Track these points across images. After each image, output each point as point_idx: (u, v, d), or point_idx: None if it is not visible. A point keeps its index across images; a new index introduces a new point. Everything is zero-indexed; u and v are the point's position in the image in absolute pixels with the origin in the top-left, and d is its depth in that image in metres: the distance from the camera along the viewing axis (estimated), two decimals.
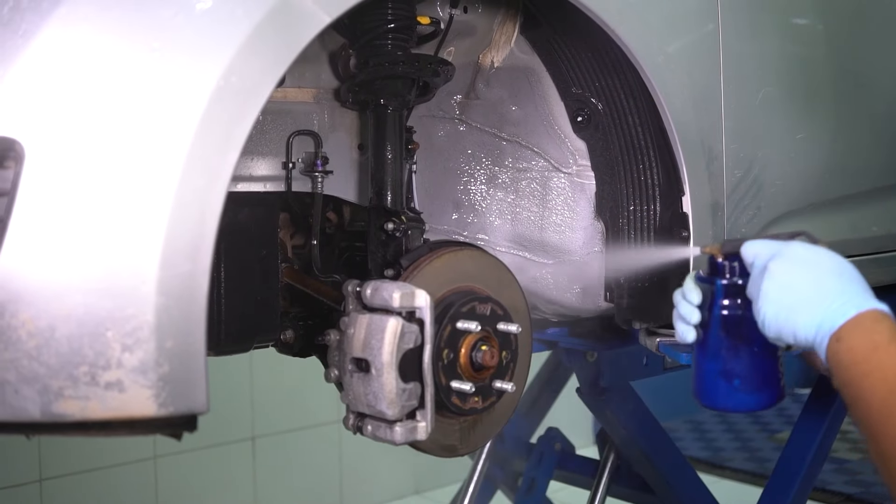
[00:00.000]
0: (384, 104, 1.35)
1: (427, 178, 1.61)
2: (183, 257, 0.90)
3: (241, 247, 1.33)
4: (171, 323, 0.90)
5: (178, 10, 0.92)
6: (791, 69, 1.59)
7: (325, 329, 1.31)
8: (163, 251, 0.89)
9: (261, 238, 1.36)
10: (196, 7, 0.92)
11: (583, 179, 1.55)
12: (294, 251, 1.54)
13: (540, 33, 1.46)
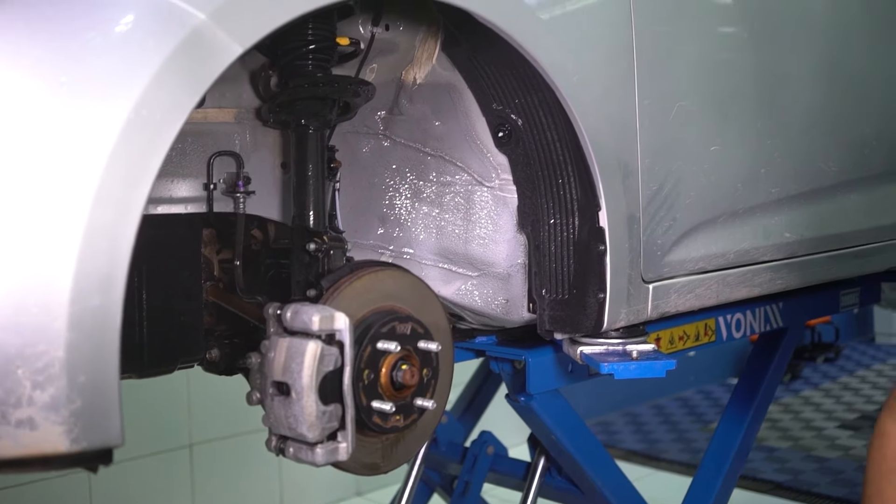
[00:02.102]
0: (305, 124, 1.36)
1: (352, 193, 1.62)
2: (94, 291, 0.90)
3: (162, 269, 1.33)
4: (83, 358, 0.90)
5: (87, 43, 0.92)
6: (705, 84, 1.64)
7: (250, 347, 1.31)
8: (73, 286, 0.89)
9: (183, 259, 1.36)
10: (105, 41, 0.92)
11: (505, 193, 1.58)
12: (221, 265, 1.54)
13: (460, 51, 1.48)
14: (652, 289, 1.58)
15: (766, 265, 1.85)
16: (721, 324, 2.06)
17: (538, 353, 1.80)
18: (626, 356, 1.58)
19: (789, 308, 2.24)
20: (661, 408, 5.49)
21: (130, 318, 1.31)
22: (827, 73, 1.95)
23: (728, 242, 1.74)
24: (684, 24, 1.62)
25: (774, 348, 2.34)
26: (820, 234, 1.99)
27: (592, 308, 1.49)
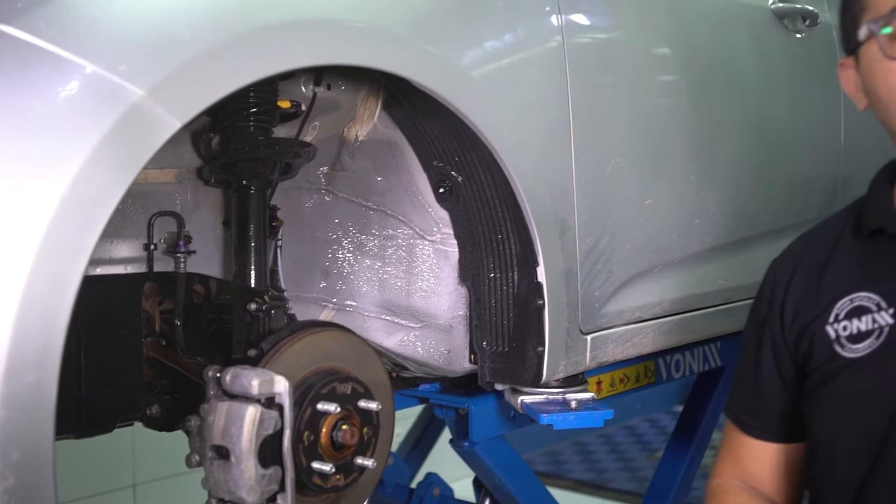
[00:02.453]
0: (246, 185, 1.38)
1: (295, 247, 1.64)
2: (28, 369, 0.91)
3: (101, 330, 1.33)
4: (17, 435, 0.90)
5: (24, 122, 0.92)
6: (638, 141, 1.70)
7: (191, 403, 1.32)
8: (6, 365, 0.89)
9: (123, 318, 1.36)
10: (42, 120, 0.93)
11: (447, 247, 1.61)
12: (162, 316, 1.53)
13: (401, 111, 1.51)
14: (590, 340, 1.63)
15: (701, 312, 1.90)
16: (661, 365, 2.11)
17: (481, 401, 1.82)
18: (565, 406, 1.62)
19: (727, 347, 2.30)
20: (609, 436, 5.55)
21: (68, 378, 1.30)
22: (755, 126, 2.03)
23: (664, 292, 1.79)
24: (618, 87, 1.67)
25: (714, 383, 2.39)
26: (753, 280, 2.04)
27: (532, 361, 1.52)
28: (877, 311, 1.07)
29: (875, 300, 1.08)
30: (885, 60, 0.99)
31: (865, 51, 1.04)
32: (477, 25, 1.40)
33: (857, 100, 1.11)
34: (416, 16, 1.30)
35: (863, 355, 1.07)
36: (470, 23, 1.39)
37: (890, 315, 1.06)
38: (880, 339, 1.06)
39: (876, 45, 1.00)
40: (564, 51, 1.54)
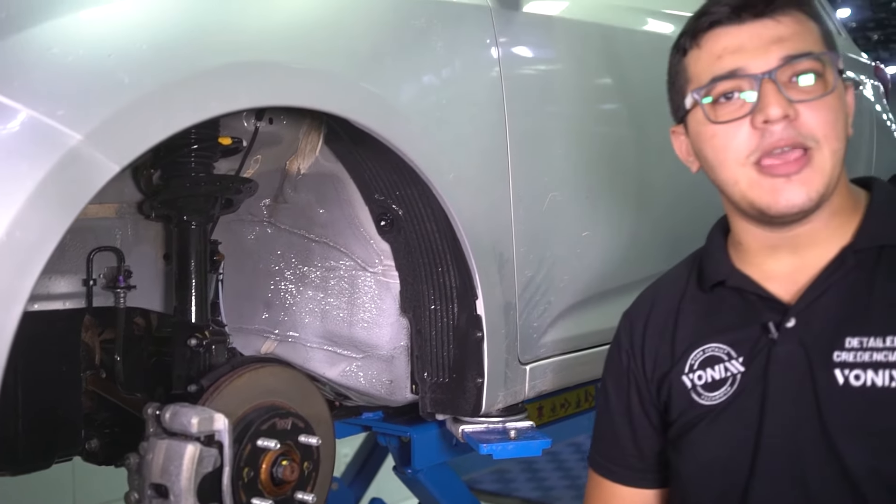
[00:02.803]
0: (187, 220, 1.39)
1: (237, 279, 1.65)
2: None
3: (39, 366, 1.32)
4: None
5: None
6: (576, 175, 1.75)
7: (130, 436, 1.32)
8: None
9: (61, 355, 1.35)
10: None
11: (388, 279, 1.63)
12: (102, 346, 1.53)
13: (342, 145, 1.53)
14: (529, 370, 1.66)
15: None
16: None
17: (423, 429, 1.85)
18: (505, 435, 1.65)
19: None
20: (556, 454, 5.60)
21: (5, 416, 1.30)
22: None
23: (601, 320, 1.83)
24: (556, 125, 1.72)
25: None
26: None
27: (471, 392, 1.55)
28: (728, 360, 1.12)
29: (725, 350, 1.13)
30: (710, 125, 1.06)
31: (692, 117, 1.11)
32: (415, 62, 1.43)
33: (689, 163, 1.18)
34: (355, 56, 1.32)
35: (720, 402, 1.12)
36: (408, 60, 1.42)
37: (740, 363, 1.11)
38: (734, 386, 1.11)
39: (701, 111, 1.07)
40: (502, 86, 1.58)
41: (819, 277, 1.07)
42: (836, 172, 1.04)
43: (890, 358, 1.01)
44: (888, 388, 1.00)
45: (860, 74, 3.18)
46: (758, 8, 1.04)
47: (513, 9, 1.63)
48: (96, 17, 1.07)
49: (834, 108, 1.03)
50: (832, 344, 1.05)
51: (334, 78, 1.28)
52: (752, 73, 1.03)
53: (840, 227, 1.09)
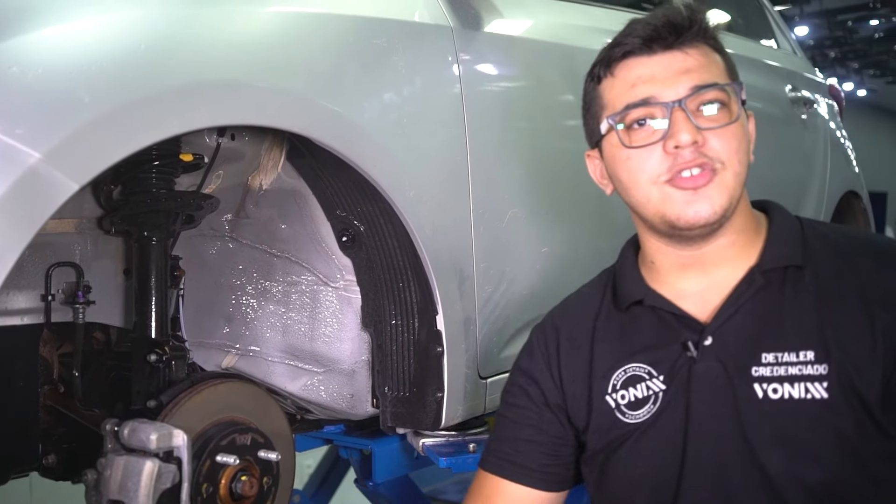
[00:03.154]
0: (148, 236, 1.39)
1: (198, 294, 1.65)
2: None
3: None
4: None
5: None
6: (536, 191, 1.77)
7: (88, 451, 1.31)
8: None
9: (19, 370, 1.35)
10: None
11: (350, 294, 1.64)
12: (61, 359, 1.52)
13: (305, 162, 1.54)
14: (489, 384, 1.68)
15: None
16: None
17: (384, 442, 1.86)
18: (464, 448, 1.67)
19: None
20: None
21: None
22: None
23: None
24: (516, 141, 1.75)
25: None
26: None
27: (431, 406, 1.57)
28: (649, 378, 1.16)
29: (646, 369, 1.17)
30: (624, 149, 1.13)
31: (607, 142, 1.17)
32: (377, 81, 1.45)
33: (603, 186, 1.25)
34: (316, 74, 1.34)
35: (644, 420, 1.16)
36: (370, 79, 1.44)
37: (661, 382, 1.16)
38: (657, 404, 1.15)
39: (616, 136, 1.14)
40: (463, 104, 1.60)
41: (731, 296, 1.13)
42: (738, 193, 1.11)
43: (804, 371, 1.08)
44: (804, 399, 1.07)
45: (815, 93, 3.26)
46: (668, 41, 1.11)
47: (474, 28, 1.66)
48: (57, 35, 1.07)
49: (737, 136, 1.11)
50: (749, 360, 1.11)
51: (296, 97, 1.29)
52: (664, 102, 1.10)
53: (745, 248, 1.15)
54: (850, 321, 1.09)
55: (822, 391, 1.07)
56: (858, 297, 1.10)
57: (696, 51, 1.12)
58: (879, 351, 1.07)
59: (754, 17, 3.34)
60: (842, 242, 1.17)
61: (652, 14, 1.15)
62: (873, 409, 1.06)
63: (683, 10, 1.14)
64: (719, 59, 1.16)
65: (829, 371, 1.07)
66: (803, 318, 1.11)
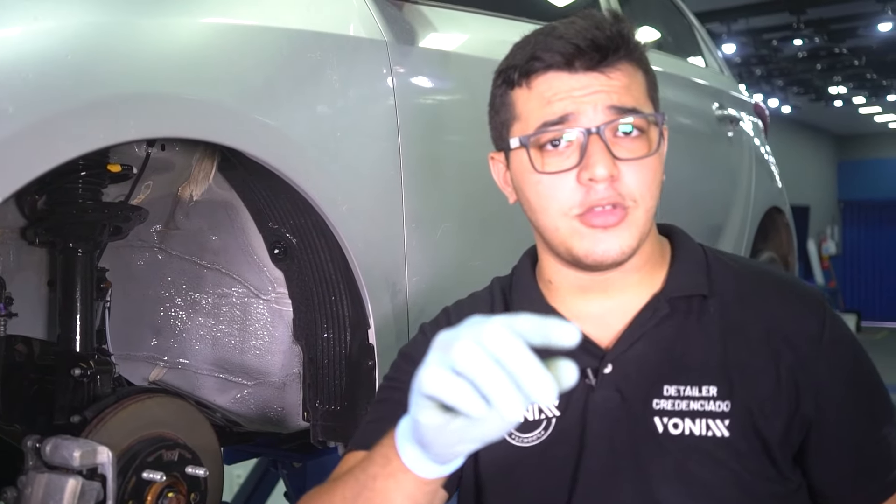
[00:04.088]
0: (73, 247, 1.36)
1: (125, 305, 1.62)
2: None
3: None
4: None
5: None
6: (469, 204, 1.79)
7: (9, 469, 1.28)
8: None
9: None
10: None
11: (281, 306, 1.63)
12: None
13: (236, 174, 1.53)
14: None
15: None
16: None
17: (316, 456, 1.85)
18: None
19: None
20: None
21: None
22: None
23: None
24: (450, 155, 1.76)
25: None
26: None
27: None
28: (566, 398, 1.07)
29: None
30: (535, 172, 1.04)
31: (517, 156, 1.08)
32: (310, 94, 1.45)
33: (507, 192, 1.15)
34: (248, 87, 1.33)
35: (534, 445, 1.08)
36: (303, 92, 1.43)
37: (555, 407, 1.08)
38: (549, 430, 1.08)
39: (526, 155, 1.05)
40: (397, 118, 1.61)
41: (633, 324, 1.07)
42: (648, 228, 1.06)
43: (706, 407, 1.03)
44: (705, 436, 1.02)
45: (741, 111, 3.36)
46: (592, 60, 1.03)
47: (408, 43, 1.67)
48: None
49: (653, 169, 1.05)
50: (650, 392, 1.05)
51: (227, 110, 1.28)
52: (580, 127, 1.02)
53: (650, 274, 1.10)
54: (755, 358, 1.05)
55: (724, 429, 1.02)
56: (763, 333, 1.06)
57: (619, 73, 1.04)
58: (783, 391, 1.03)
59: (683, 35, 3.43)
60: (746, 275, 1.12)
61: (577, 26, 1.04)
62: (774, 452, 1.03)
63: (610, 23, 1.05)
64: (643, 78, 1.08)
65: (732, 409, 1.03)
66: (708, 351, 1.05)
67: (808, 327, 1.07)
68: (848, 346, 1.09)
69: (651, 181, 1.05)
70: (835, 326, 1.08)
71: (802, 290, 1.12)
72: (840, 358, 1.07)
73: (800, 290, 1.12)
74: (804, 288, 1.13)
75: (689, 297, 1.09)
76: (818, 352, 1.06)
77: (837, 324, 1.09)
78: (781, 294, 1.10)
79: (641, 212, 1.04)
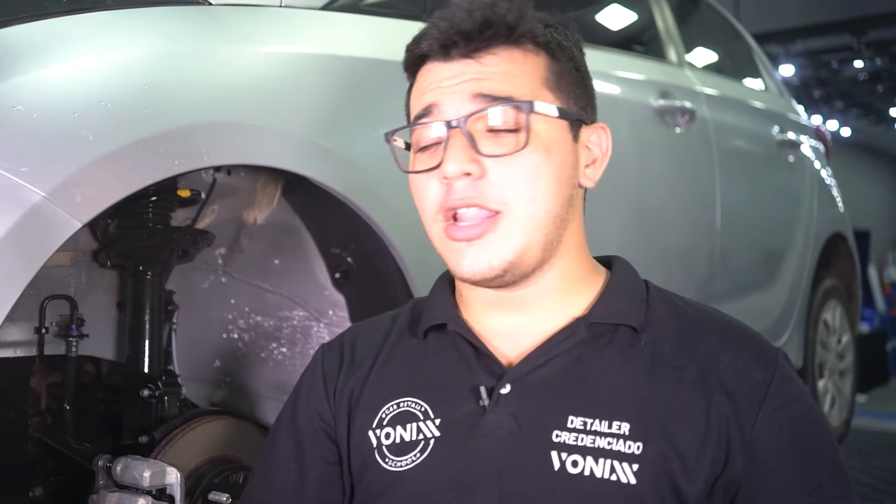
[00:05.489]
0: (143, 270, 1.40)
1: (190, 328, 1.65)
2: None
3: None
4: None
5: None
6: None
7: (76, 485, 1.31)
8: None
9: (9, 402, 1.34)
10: None
11: (341, 329, 1.64)
12: (49, 391, 1.51)
13: (300, 198, 1.56)
14: None
15: None
16: None
17: None
18: None
19: None
20: None
21: None
22: (634, 209, 2.17)
23: None
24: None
25: None
26: None
27: None
28: (423, 419, 0.93)
29: (423, 407, 0.94)
30: (408, 172, 0.97)
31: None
32: (374, 121, 1.47)
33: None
34: (315, 115, 1.35)
35: (405, 469, 0.92)
36: (367, 119, 1.45)
37: (436, 426, 0.93)
38: (425, 452, 0.92)
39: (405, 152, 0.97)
40: None
41: (545, 343, 0.93)
42: (536, 237, 0.90)
43: (614, 446, 0.87)
44: (607, 480, 0.86)
45: (801, 135, 3.31)
46: (466, 47, 0.91)
47: None
48: (61, 74, 1.09)
49: (532, 166, 0.89)
50: (552, 422, 0.89)
51: (294, 137, 1.31)
52: (443, 120, 0.90)
53: (570, 296, 0.95)
54: (684, 402, 0.89)
55: (630, 475, 0.86)
56: (698, 378, 0.90)
57: (498, 58, 0.91)
58: (712, 442, 0.87)
59: (741, 57, 3.40)
60: (690, 314, 0.96)
61: (453, 12, 0.93)
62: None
63: (486, 5, 0.92)
64: (544, 64, 0.93)
65: (644, 452, 0.87)
66: (627, 386, 0.90)
67: (752, 379, 0.90)
68: (798, 411, 0.91)
69: (530, 181, 0.89)
70: (785, 385, 0.91)
71: (756, 341, 0.95)
72: (785, 422, 0.90)
73: (752, 340, 0.95)
74: (759, 340, 0.96)
75: (615, 326, 0.93)
76: (759, 409, 0.89)
77: (790, 384, 0.92)
78: (727, 339, 0.94)
79: (517, 218, 0.89)
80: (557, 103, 0.93)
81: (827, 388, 3.47)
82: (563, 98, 0.94)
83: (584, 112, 0.96)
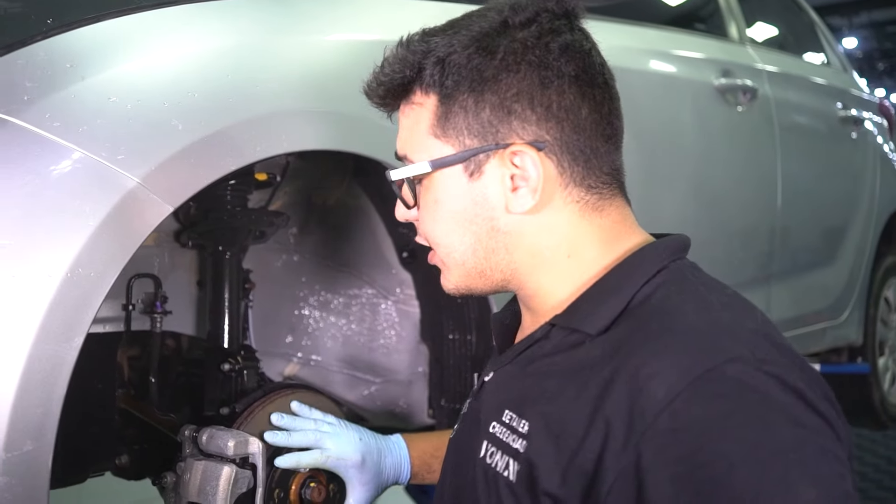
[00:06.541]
0: (222, 250, 1.46)
1: (264, 304, 1.72)
2: (27, 438, 0.98)
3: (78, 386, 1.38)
4: (14, 500, 0.97)
5: (30, 208, 1.00)
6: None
7: (160, 452, 1.38)
8: (6, 434, 0.96)
9: (99, 375, 1.42)
10: (44, 206, 1.01)
11: (408, 307, 1.70)
12: (130, 363, 1.59)
13: (370, 180, 1.60)
14: None
15: None
16: None
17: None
18: None
19: None
20: None
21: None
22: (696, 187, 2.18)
23: None
24: None
25: None
26: None
27: None
28: (470, 396, 1.06)
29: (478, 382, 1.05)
30: None
31: None
32: None
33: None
34: None
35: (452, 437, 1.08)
36: None
37: (472, 398, 1.04)
38: (456, 423, 1.08)
39: None
40: None
41: (525, 339, 0.96)
42: (466, 268, 0.96)
43: (512, 443, 0.89)
44: (500, 473, 0.89)
45: (864, 111, 3.26)
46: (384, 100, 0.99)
47: None
48: (151, 67, 1.15)
49: (429, 218, 0.96)
50: (495, 414, 0.94)
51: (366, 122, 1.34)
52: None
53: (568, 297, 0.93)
54: (575, 408, 0.83)
55: (513, 472, 0.88)
56: (602, 386, 0.81)
57: (402, 114, 0.99)
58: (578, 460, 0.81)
59: (803, 32, 3.35)
60: (646, 321, 0.85)
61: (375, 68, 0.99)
62: None
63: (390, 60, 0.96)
64: (425, 113, 0.94)
65: (525, 452, 0.87)
66: (546, 387, 0.89)
67: (651, 393, 0.77)
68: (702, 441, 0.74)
69: (432, 229, 0.96)
70: (694, 407, 0.75)
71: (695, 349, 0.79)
72: (679, 449, 0.74)
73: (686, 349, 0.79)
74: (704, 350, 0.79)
75: (573, 330, 0.90)
76: (644, 429, 0.76)
77: (703, 408, 0.75)
78: (654, 346, 0.81)
79: (450, 258, 0.97)
80: (446, 148, 0.93)
81: (887, 365, 3.43)
82: (454, 137, 0.92)
83: (493, 136, 0.91)
